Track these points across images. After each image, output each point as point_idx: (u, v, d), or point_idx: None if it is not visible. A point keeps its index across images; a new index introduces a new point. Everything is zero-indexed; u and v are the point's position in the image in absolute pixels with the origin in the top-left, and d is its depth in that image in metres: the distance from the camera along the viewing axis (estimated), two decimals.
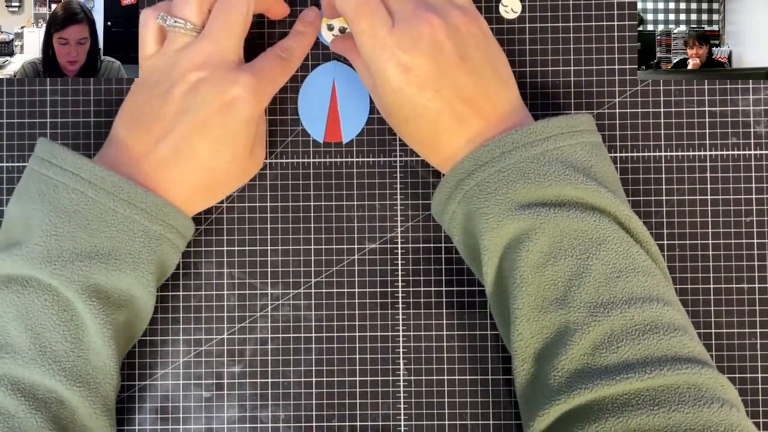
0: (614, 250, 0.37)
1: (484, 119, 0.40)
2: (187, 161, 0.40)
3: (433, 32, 0.38)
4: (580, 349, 0.36)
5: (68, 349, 0.38)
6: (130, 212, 0.38)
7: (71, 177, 0.38)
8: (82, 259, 0.38)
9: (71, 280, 0.37)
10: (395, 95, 0.39)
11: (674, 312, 0.37)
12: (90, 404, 0.38)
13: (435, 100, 0.39)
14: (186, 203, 0.41)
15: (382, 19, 0.39)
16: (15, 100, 0.46)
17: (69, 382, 0.37)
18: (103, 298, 0.38)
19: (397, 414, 0.45)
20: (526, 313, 0.38)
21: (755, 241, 0.46)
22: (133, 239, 0.39)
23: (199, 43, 0.40)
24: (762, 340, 0.45)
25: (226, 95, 0.40)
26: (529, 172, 0.38)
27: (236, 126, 0.40)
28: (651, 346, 0.36)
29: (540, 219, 0.37)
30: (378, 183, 0.46)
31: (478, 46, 0.40)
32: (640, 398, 0.35)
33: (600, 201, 0.38)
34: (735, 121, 0.46)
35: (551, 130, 0.39)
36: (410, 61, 0.38)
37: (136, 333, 0.42)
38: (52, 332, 0.37)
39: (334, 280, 0.46)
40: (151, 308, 0.41)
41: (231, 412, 0.45)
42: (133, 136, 0.40)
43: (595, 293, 0.37)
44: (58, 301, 0.37)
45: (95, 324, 0.38)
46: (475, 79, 0.39)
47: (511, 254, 0.38)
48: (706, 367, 0.35)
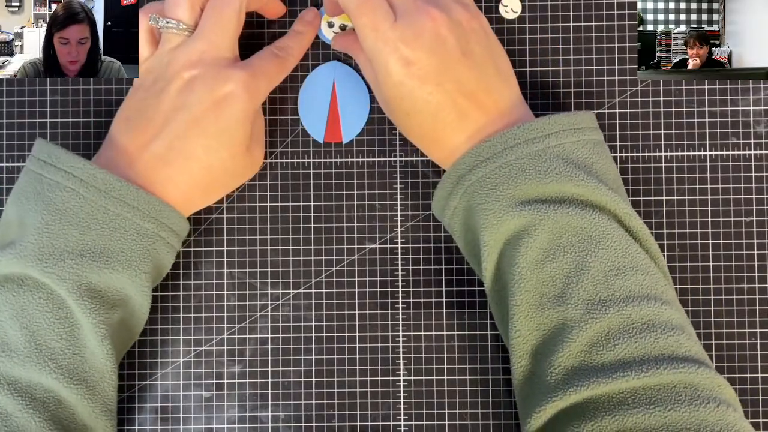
0: (613, 248, 0.37)
1: (486, 114, 0.40)
2: (182, 159, 0.40)
3: (436, 26, 0.39)
4: (577, 346, 0.36)
5: (64, 347, 0.38)
6: (122, 210, 0.38)
7: (64, 176, 0.38)
8: (74, 257, 0.38)
9: (62, 278, 0.37)
10: (397, 89, 0.39)
11: (672, 311, 0.37)
12: (88, 403, 0.38)
13: (436, 94, 0.39)
14: (183, 202, 0.41)
15: (384, 13, 0.39)
16: (15, 100, 0.46)
17: (66, 380, 0.37)
18: (96, 297, 0.38)
19: (397, 414, 0.45)
20: (524, 309, 0.38)
21: (755, 241, 0.46)
22: (126, 237, 0.39)
23: (192, 41, 0.40)
24: (762, 340, 0.45)
25: (219, 92, 0.40)
26: (529, 169, 0.38)
27: (231, 122, 0.40)
28: (648, 344, 0.36)
29: (540, 215, 0.37)
30: (378, 183, 0.46)
31: (480, 42, 0.40)
32: (637, 397, 0.35)
33: (600, 198, 0.38)
34: (735, 121, 0.46)
35: (553, 127, 0.39)
36: (412, 54, 0.38)
37: (134, 333, 0.42)
38: (48, 330, 0.37)
39: (334, 280, 0.46)
40: (147, 308, 0.41)
41: (231, 412, 0.45)
42: (128, 136, 0.40)
43: (593, 291, 0.37)
44: (52, 299, 0.38)
45: (89, 322, 0.38)
46: (476, 74, 0.39)
47: (511, 250, 0.38)
48: (703, 367, 0.35)
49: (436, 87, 0.39)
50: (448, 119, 0.39)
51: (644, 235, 0.39)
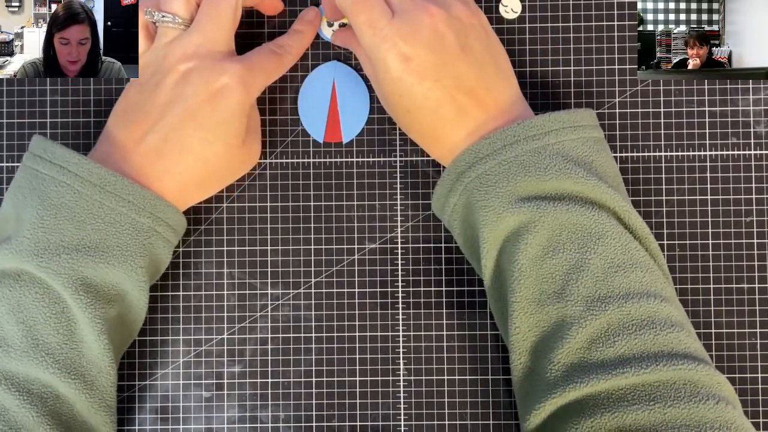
0: (612, 245, 0.37)
1: (485, 111, 0.40)
2: (178, 151, 0.40)
3: (434, 22, 0.39)
4: (576, 343, 0.36)
5: (61, 342, 0.38)
6: (117, 205, 0.38)
7: (60, 171, 0.38)
8: (69, 252, 0.37)
9: (58, 272, 0.37)
10: (395, 85, 0.39)
11: (671, 308, 0.37)
12: (87, 398, 0.38)
13: (435, 90, 0.39)
14: (179, 196, 0.41)
15: (380, 10, 0.39)
16: (15, 100, 0.46)
17: (63, 375, 0.37)
18: (92, 291, 0.38)
19: (397, 414, 0.45)
20: (523, 306, 0.38)
21: (755, 241, 0.46)
22: (121, 232, 0.39)
23: (188, 35, 0.41)
24: (762, 340, 0.45)
25: (214, 84, 0.40)
26: (529, 166, 0.38)
27: (226, 115, 0.40)
28: (647, 341, 0.36)
29: (539, 212, 0.37)
30: (378, 183, 0.46)
31: (479, 39, 0.40)
32: (636, 393, 0.35)
33: (599, 196, 0.38)
34: (735, 121, 0.46)
35: (553, 125, 0.39)
36: (410, 50, 0.38)
37: (132, 330, 0.42)
38: (44, 325, 0.37)
39: (334, 280, 0.46)
40: (145, 303, 0.41)
41: (231, 412, 0.45)
42: (124, 130, 0.40)
43: (592, 287, 0.37)
44: (48, 294, 0.37)
45: (85, 317, 0.38)
46: (476, 70, 0.39)
47: (510, 247, 0.38)
48: (703, 364, 0.35)
49: (434, 83, 0.39)
50: (447, 116, 0.39)
51: (644, 233, 0.39)
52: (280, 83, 0.46)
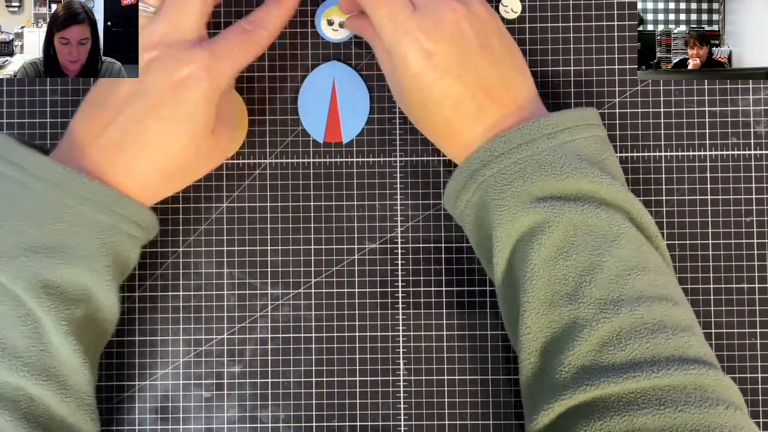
0: (626, 247, 0.37)
1: (503, 109, 0.39)
2: (138, 144, 0.38)
3: (456, 18, 0.38)
4: (587, 345, 0.36)
5: (28, 345, 0.37)
6: (76, 203, 0.37)
7: (17, 170, 0.37)
8: (28, 254, 0.36)
9: (17, 276, 0.36)
10: (415, 79, 0.39)
11: (683, 311, 0.37)
12: (62, 398, 0.37)
13: (456, 86, 0.38)
14: (142, 191, 0.39)
15: (402, 4, 0.38)
16: (15, 100, 0.46)
17: (34, 377, 0.36)
18: (55, 293, 0.37)
19: (397, 414, 0.45)
20: (535, 306, 0.37)
21: (755, 241, 0.46)
22: (82, 231, 0.37)
23: (153, 23, 0.39)
24: (762, 340, 0.45)
25: (177, 74, 0.38)
26: (545, 165, 0.38)
27: (190, 106, 0.38)
28: (659, 345, 0.35)
29: (555, 213, 0.37)
30: (378, 183, 0.46)
31: (497, 36, 0.40)
32: (646, 397, 0.35)
33: (614, 195, 0.38)
34: (735, 121, 0.46)
35: (567, 122, 0.39)
36: (433, 46, 0.38)
37: (105, 329, 0.41)
38: (11, 329, 0.36)
39: (334, 280, 0.46)
40: (114, 302, 0.39)
41: (231, 412, 0.45)
42: (84, 126, 0.39)
43: (605, 290, 0.36)
44: (11, 297, 0.36)
45: (49, 320, 0.37)
46: (495, 67, 0.39)
47: (524, 247, 0.38)
48: (713, 369, 0.35)
49: (456, 79, 0.38)
50: (467, 112, 0.39)
51: (654, 232, 0.39)
52: (280, 83, 0.46)
